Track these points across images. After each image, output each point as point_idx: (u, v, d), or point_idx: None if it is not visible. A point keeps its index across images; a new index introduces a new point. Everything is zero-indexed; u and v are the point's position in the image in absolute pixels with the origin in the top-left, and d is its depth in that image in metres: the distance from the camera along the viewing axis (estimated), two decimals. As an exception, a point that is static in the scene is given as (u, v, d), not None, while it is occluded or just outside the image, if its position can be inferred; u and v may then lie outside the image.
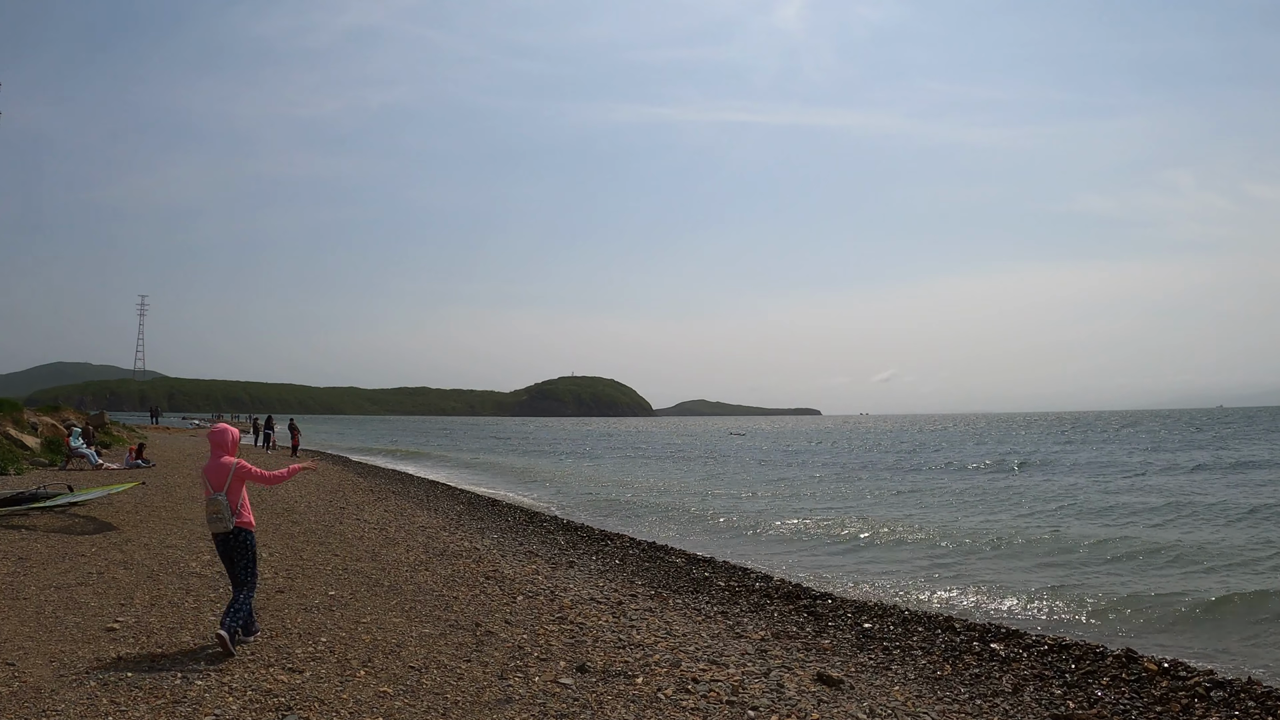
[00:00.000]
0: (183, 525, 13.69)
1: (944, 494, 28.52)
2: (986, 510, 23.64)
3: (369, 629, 8.02)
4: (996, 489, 29.81)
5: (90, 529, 13.02)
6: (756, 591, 13.26)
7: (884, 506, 24.76)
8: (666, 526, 21.08)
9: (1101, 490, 28.47)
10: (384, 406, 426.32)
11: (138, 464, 26.29)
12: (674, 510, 24.47)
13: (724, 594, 13.01)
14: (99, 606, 8.22)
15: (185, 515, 14.80)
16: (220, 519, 6.89)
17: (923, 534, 19.08)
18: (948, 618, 11.88)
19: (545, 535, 18.01)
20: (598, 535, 18.27)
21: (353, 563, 11.62)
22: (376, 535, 14.66)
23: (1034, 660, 9.78)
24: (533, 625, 9.04)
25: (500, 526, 18.81)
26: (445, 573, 11.60)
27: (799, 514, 23.15)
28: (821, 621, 11.50)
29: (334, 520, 16.06)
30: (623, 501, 27.13)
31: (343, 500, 20.21)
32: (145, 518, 14.30)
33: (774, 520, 21.86)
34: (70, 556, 10.72)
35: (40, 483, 18.47)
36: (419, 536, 15.08)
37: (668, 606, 11.56)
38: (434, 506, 21.67)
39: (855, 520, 21.58)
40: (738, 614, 11.61)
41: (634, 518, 22.78)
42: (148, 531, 12.91)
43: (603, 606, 10.75)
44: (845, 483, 34.07)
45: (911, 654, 10.05)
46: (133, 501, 15.81)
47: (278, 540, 13.01)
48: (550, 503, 26.25)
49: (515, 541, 16.46)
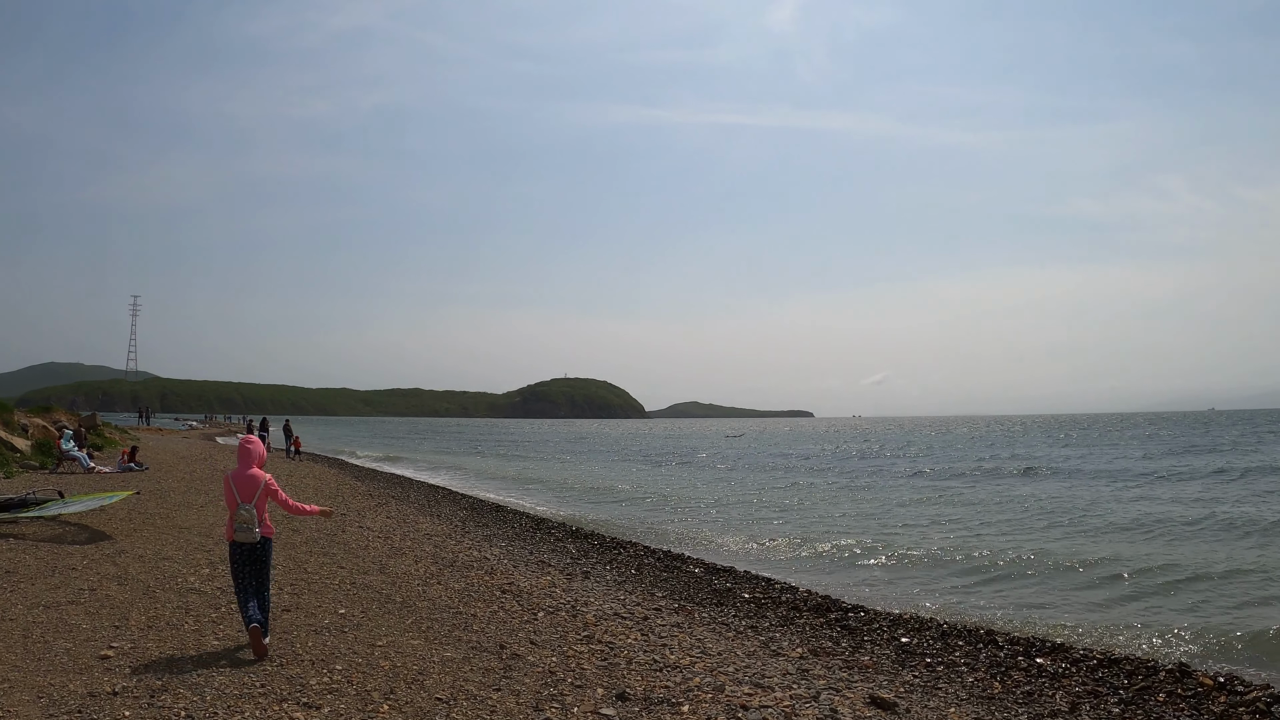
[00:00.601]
0: (179, 535, 13.00)
1: (963, 502, 28.00)
2: (1010, 519, 23.09)
3: (386, 653, 7.38)
4: (1017, 497, 29.28)
5: (82, 539, 12.34)
6: (783, 604, 12.67)
7: (903, 514, 24.19)
8: (676, 533, 20.46)
9: (1123, 498, 28.00)
10: (377, 408, 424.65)
11: (130, 467, 25.56)
12: (681, 515, 23.89)
13: (750, 606, 12.42)
14: (91, 629, 7.55)
15: (181, 524, 14.11)
16: (248, 529, 7.03)
17: (947, 543, 18.52)
18: (989, 631, 11.36)
19: (555, 543, 17.38)
20: (609, 543, 17.65)
21: (360, 576, 10.97)
22: (382, 545, 14.01)
23: (1084, 676, 9.31)
24: (560, 645, 8.42)
25: (507, 534, 18.16)
26: (459, 586, 10.96)
27: (813, 521, 22.59)
28: (857, 636, 10.95)
29: (336, 528, 15.40)
30: (626, 507, 26.54)
31: (343, 506, 19.53)
32: (139, 526, 13.62)
33: (788, 527, 21.31)
34: (60, 570, 10.05)
35: (30, 488, 17.75)
36: (426, 546, 14.43)
37: (695, 621, 10.96)
38: (436, 512, 21.01)
39: (874, 528, 21.02)
40: (768, 628, 11.04)
41: (641, 524, 22.16)
42: (142, 541, 12.23)
43: (629, 622, 10.15)
44: (858, 488, 33.52)
45: (957, 670, 9.53)
46: (126, 508, 15.11)
47: (279, 551, 12.33)
48: (554, 508, 25.62)
49: (525, 550, 15.83)
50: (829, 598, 13.18)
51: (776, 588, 13.77)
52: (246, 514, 7.03)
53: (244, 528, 7.04)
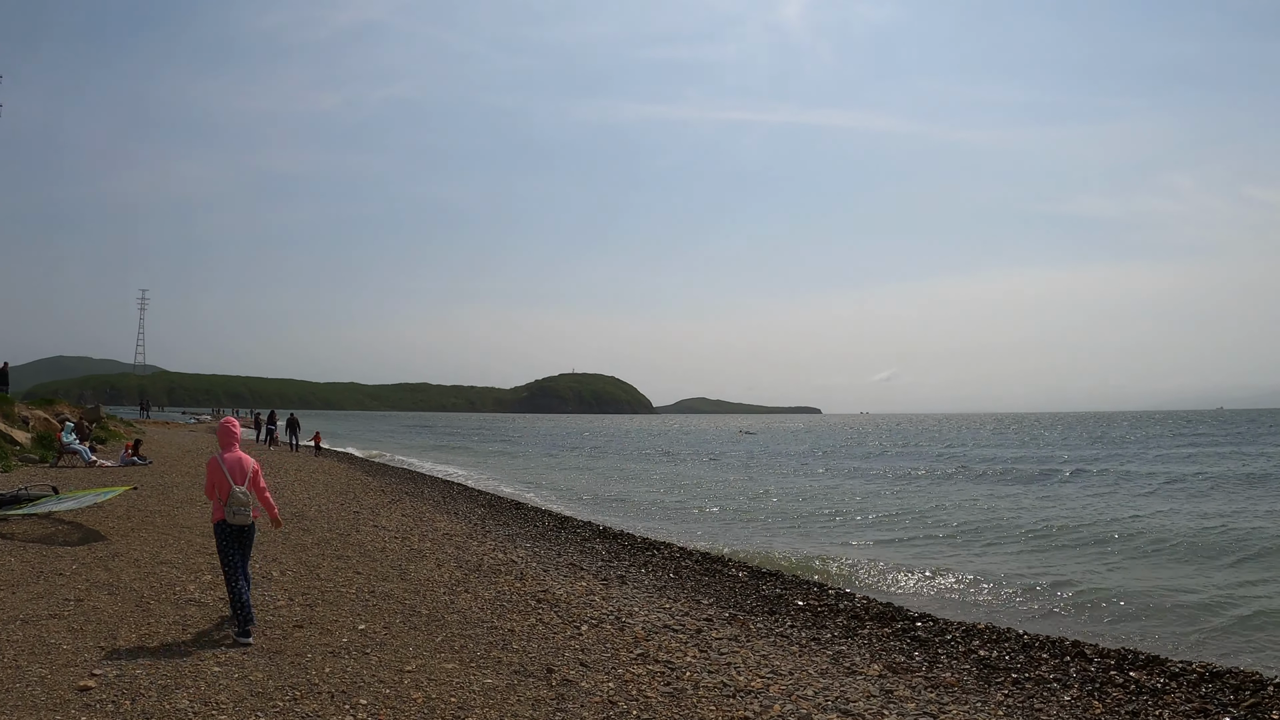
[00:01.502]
0: (180, 535, 11.91)
1: (1015, 503, 26.82)
2: (1069, 521, 21.89)
3: (418, 681, 6.27)
4: (1066, 496, 28.09)
5: (74, 539, 11.26)
6: (842, 611, 11.56)
7: (954, 514, 22.98)
8: (708, 533, 19.33)
9: (1176, 499, 26.81)
10: (384, 402, 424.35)
11: (134, 461, 24.53)
12: (707, 513, 22.77)
13: (806, 615, 11.32)
14: (73, 650, 6.45)
15: (183, 522, 13.03)
16: (244, 512, 7.02)
17: (1006, 546, 17.36)
18: (1074, 642, 10.31)
19: (581, 544, 16.27)
20: (640, 543, 16.52)
21: (379, 583, 9.87)
22: (399, 546, 12.91)
23: (1187, 691, 8.38)
24: (613, 666, 7.32)
25: (530, 534, 17.06)
26: (489, 595, 9.86)
27: (855, 521, 21.44)
28: (930, 649, 9.89)
29: (349, 527, 14.31)
30: (647, 504, 25.41)
31: (355, 503, 18.46)
32: (137, 525, 12.54)
33: (826, 527, 20.17)
34: (47, 575, 8.97)
35: (24, 482, 16.74)
36: (447, 547, 13.34)
37: (751, 633, 9.87)
38: (453, 510, 19.92)
39: (924, 529, 19.86)
40: (832, 640, 9.96)
41: (667, 522, 21.05)
42: (139, 543, 11.13)
43: (682, 636, 9.06)
44: (900, 488, 32.32)
45: (1049, 688, 8.55)
46: (124, 505, 14.04)
47: (288, 553, 11.26)
48: (573, 505, 24.50)
49: (551, 552, 14.73)
50: (892, 605, 12.06)
51: (831, 594, 12.66)
52: (243, 496, 7.01)
53: (240, 510, 6.99)
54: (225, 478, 7.00)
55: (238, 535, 7.10)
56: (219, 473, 7.04)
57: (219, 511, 7.03)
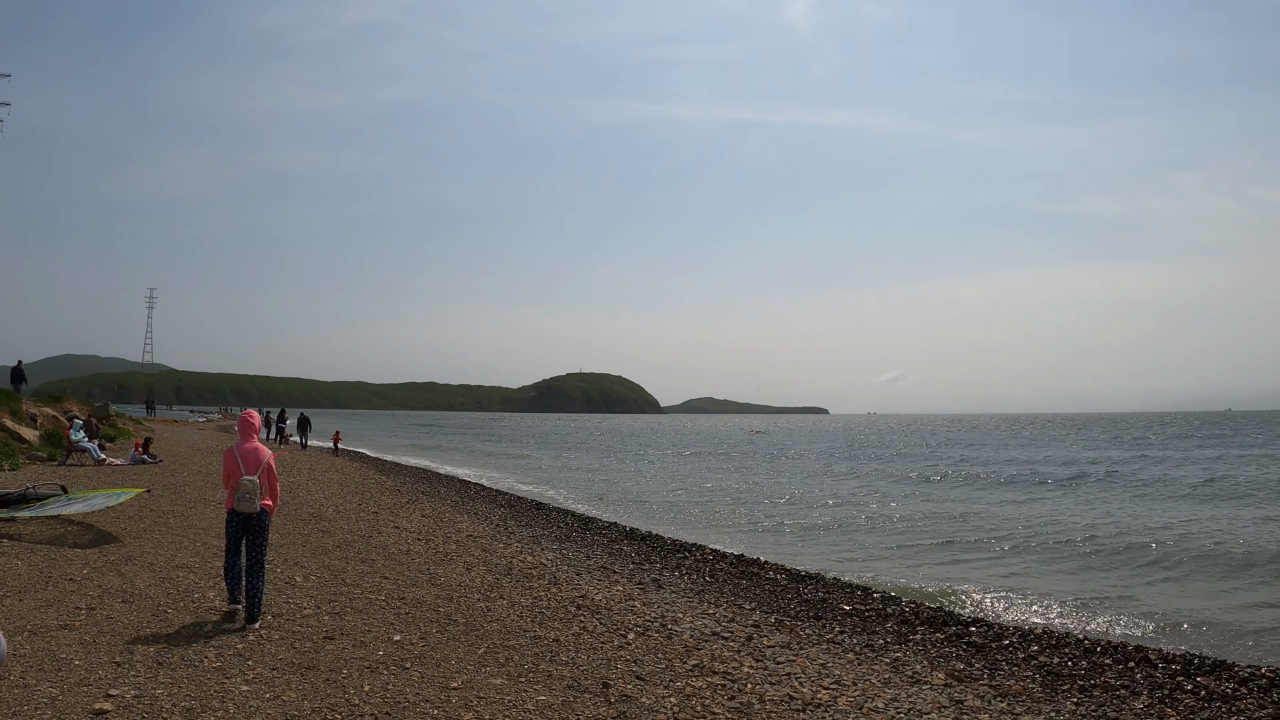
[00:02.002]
0: (194, 538, 11.35)
1: (1053, 504, 26.17)
2: (1112, 522, 21.23)
3: (466, 700, 5.69)
4: (1099, 501, 27.43)
5: (85, 540, 10.72)
6: (890, 616, 10.99)
7: (987, 520, 22.34)
8: (733, 533, 18.73)
9: (1217, 502, 26.13)
10: (392, 401, 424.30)
11: (144, 460, 24.05)
12: (732, 515, 22.16)
13: (854, 620, 10.74)
14: (86, 666, 5.88)
15: (197, 523, 12.47)
16: (250, 499, 7.07)
17: (1047, 548, 16.72)
18: (1138, 646, 9.81)
19: (609, 545, 15.69)
20: (670, 545, 15.93)
21: (408, 588, 9.29)
22: (424, 548, 12.34)
23: (1259, 696, 8.03)
24: (670, 679, 6.74)
25: (555, 535, 16.49)
26: (525, 601, 9.28)
27: (890, 525, 20.81)
28: (988, 655, 9.39)
29: (370, 529, 13.75)
30: (668, 504, 24.81)
31: (373, 503, 17.91)
32: (150, 526, 11.99)
33: (860, 531, 19.54)
34: (56, 581, 8.41)
35: (32, 481, 16.24)
36: (473, 550, 12.76)
37: (801, 639, 9.30)
38: (473, 510, 19.37)
39: (958, 532, 19.22)
40: (887, 647, 9.40)
41: (693, 523, 20.45)
42: (153, 545, 10.58)
43: (732, 644, 8.50)
44: (924, 489, 31.68)
45: (1118, 695, 8.04)
46: (137, 505, 13.49)
47: (310, 556, 10.69)
48: (594, 505, 23.91)
49: (580, 554, 14.15)
50: (942, 609, 11.47)
51: (876, 598, 12.06)
52: (250, 484, 7.09)
53: (246, 498, 7.09)
54: (238, 466, 7.17)
55: (243, 524, 7.22)
56: (233, 461, 7.21)
57: (229, 500, 7.21)
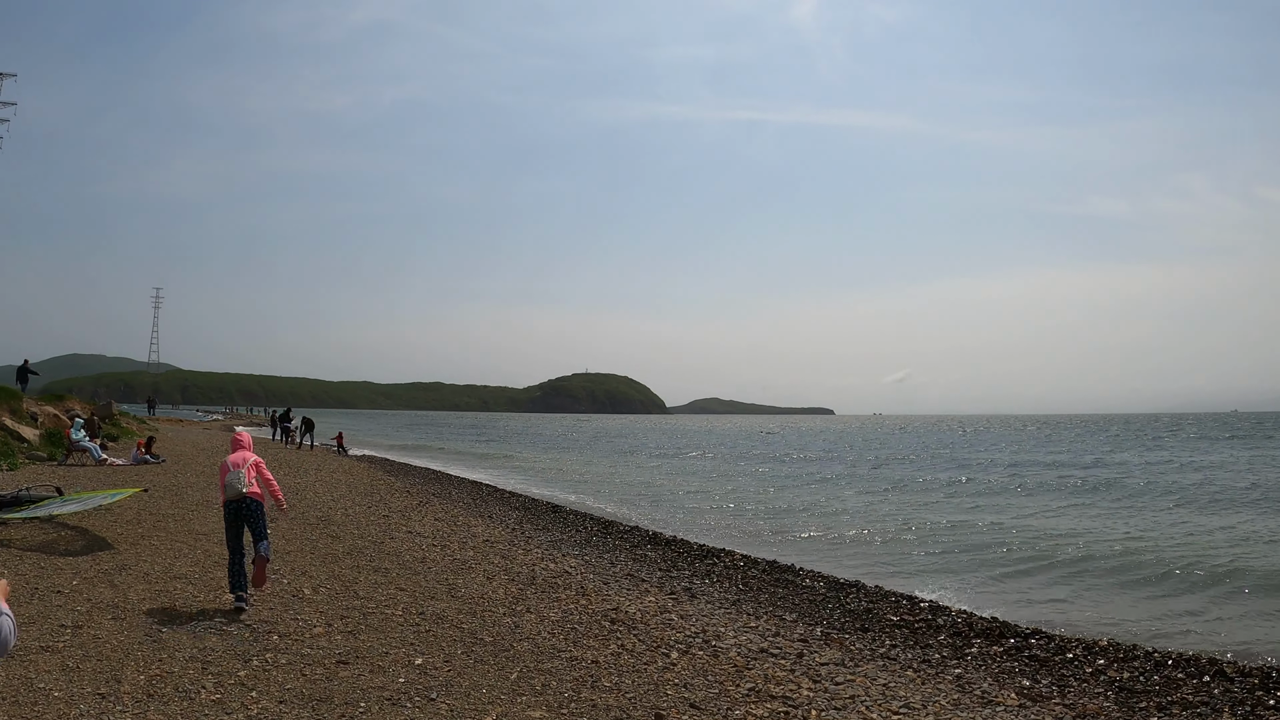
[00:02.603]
0: (195, 544, 10.58)
1: (1095, 505, 25.29)
2: (1166, 525, 20.36)
3: (504, 742, 4.90)
4: (1142, 508, 26.54)
5: (77, 547, 9.96)
6: (942, 628, 10.19)
7: (1022, 521, 21.48)
8: (760, 536, 17.89)
9: (1264, 507, 25.23)
10: (397, 401, 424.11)
11: (146, 460, 23.34)
12: (755, 517, 21.33)
13: (904, 632, 9.95)
14: (66, 699, 5.10)
15: (198, 528, 11.70)
16: (235, 488, 7.77)
17: (1097, 549, 15.85)
18: (1211, 659, 9.05)
19: (632, 551, 14.89)
20: (696, 550, 15.12)
21: (427, 601, 8.52)
22: (440, 555, 11.56)
23: None
24: (728, 707, 5.99)
25: (574, 540, 15.70)
26: (554, 615, 8.50)
27: (921, 527, 19.96)
28: (1053, 670, 8.67)
29: (381, 534, 12.98)
30: (687, 506, 23.99)
31: (383, 505, 17.15)
32: (149, 531, 11.21)
33: (891, 534, 18.69)
34: (43, 593, 7.65)
35: (30, 482, 15.52)
36: (491, 557, 11.98)
37: (854, 655, 8.52)
38: (486, 512, 18.58)
39: (996, 534, 18.37)
40: (945, 663, 8.63)
41: (716, 526, 19.62)
42: (149, 552, 9.80)
43: (784, 662, 7.74)
44: (950, 492, 30.79)
45: (1198, 714, 7.34)
46: (134, 508, 12.73)
47: (319, 564, 9.91)
48: (611, 507, 23.10)
49: (604, 560, 13.37)
50: (997, 620, 10.65)
51: (924, 607, 11.24)
52: (235, 478, 7.87)
53: (232, 486, 7.84)
54: (228, 468, 7.97)
55: (235, 511, 7.82)
56: (225, 468, 8.01)
57: (222, 495, 7.96)
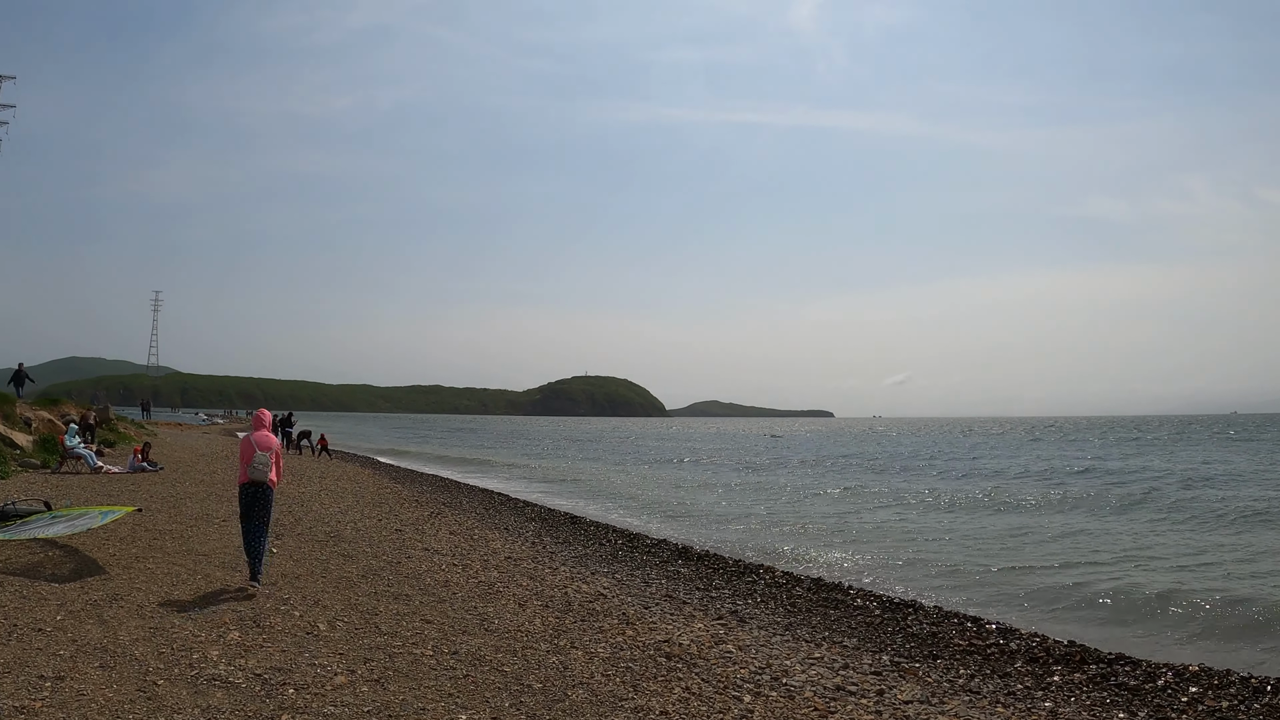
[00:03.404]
0: (195, 567, 9.57)
1: (1123, 511, 24.28)
2: (1232, 541, 19.33)
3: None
4: (1209, 513, 25.52)
5: (65, 571, 8.96)
6: (1016, 653, 9.29)
7: (1071, 530, 20.46)
8: (791, 550, 16.87)
9: None
10: (396, 404, 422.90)
11: (143, 467, 22.33)
12: (783, 527, 20.32)
13: (978, 659, 9.06)
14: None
15: (198, 548, 10.68)
16: (261, 471, 8.43)
17: (1151, 569, 14.86)
18: None
19: (663, 567, 13.91)
20: (732, 567, 14.11)
21: (459, 636, 7.52)
22: (463, 577, 10.57)
23: None
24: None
25: (600, 555, 14.71)
26: (603, 651, 7.51)
27: (962, 537, 18.97)
28: (1148, 701, 7.98)
29: (397, 551, 11.98)
30: (708, 515, 22.96)
31: (393, 518, 16.15)
32: (144, 552, 10.20)
33: (930, 545, 17.67)
34: (22, 632, 6.64)
35: (22, 492, 14.54)
36: (518, 578, 10.98)
37: (935, 689, 7.65)
38: (502, 524, 17.59)
39: (1049, 545, 17.36)
40: (1031, 695, 7.85)
41: (740, 538, 18.61)
42: (144, 579, 8.79)
43: (864, 700, 6.87)
44: (987, 498, 29.75)
45: None
46: (130, 523, 11.71)
47: (333, 591, 8.91)
48: (631, 516, 22.07)
49: (635, 578, 12.38)
50: (1074, 643, 9.70)
51: (991, 630, 10.27)
52: (262, 459, 8.37)
53: (257, 469, 8.36)
54: (253, 448, 8.43)
55: (254, 495, 8.45)
56: (249, 445, 8.47)
57: (243, 475, 8.49)
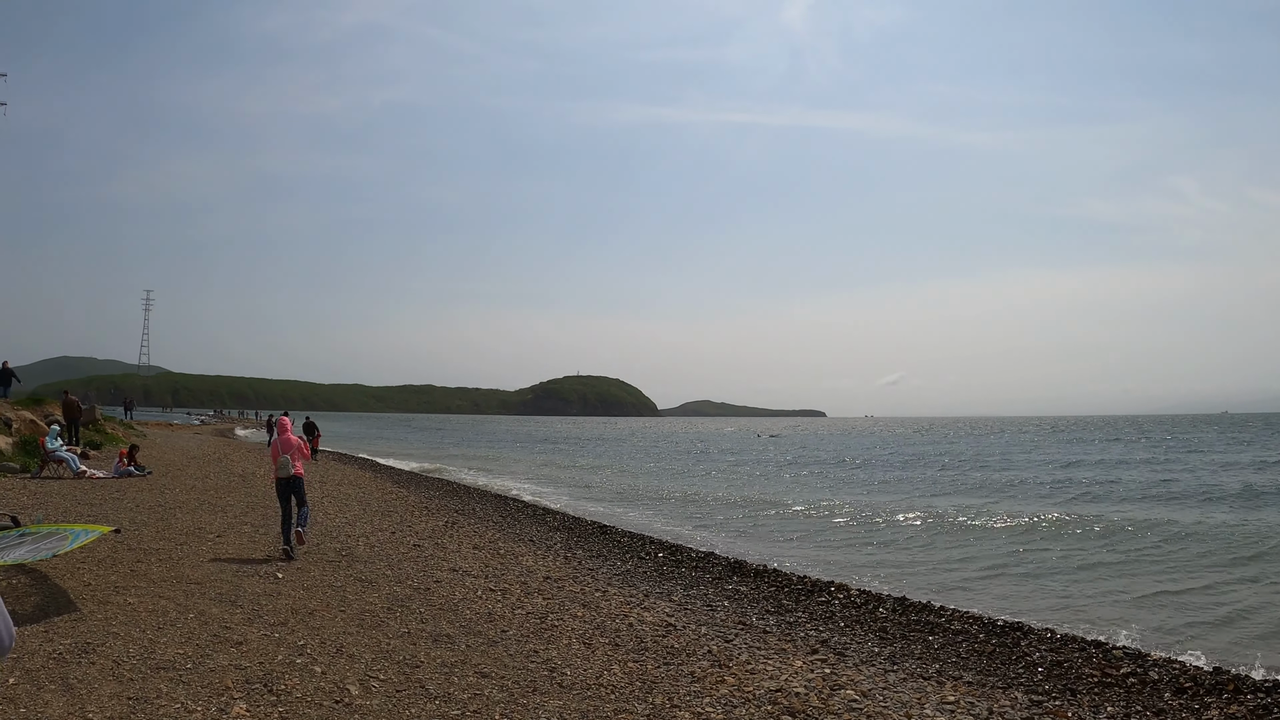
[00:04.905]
0: (187, 599, 7.87)
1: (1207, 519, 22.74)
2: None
3: None
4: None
5: (28, 607, 7.30)
6: (1160, 685, 7.93)
7: (1150, 534, 18.91)
8: (838, 560, 15.27)
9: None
10: (389, 404, 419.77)
11: (129, 471, 20.64)
12: (818, 534, 18.72)
13: (1119, 693, 7.67)
14: None
15: (189, 574, 8.98)
16: (286, 469, 10.46)
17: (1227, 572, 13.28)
18: None
19: (718, 584, 12.27)
20: (797, 584, 12.45)
21: (528, 695, 5.88)
22: (505, 606, 8.92)
23: None
24: None
25: (644, 571, 13.07)
26: (714, 711, 5.89)
27: (1029, 544, 17.36)
28: None
29: (421, 573, 10.32)
30: (737, 522, 21.34)
31: (407, 529, 14.51)
32: (125, 579, 8.51)
33: (989, 552, 16.07)
34: (-42, 698, 4.98)
35: (-12, 503, 12.86)
36: (569, 605, 9.34)
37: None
38: (525, 535, 15.93)
39: (1139, 552, 15.79)
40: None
41: (784, 547, 17.00)
42: (125, 619, 7.09)
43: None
44: (1042, 500, 28.18)
45: None
46: (107, 545, 10.02)
47: (358, 632, 7.25)
48: (660, 524, 20.42)
49: (697, 601, 10.75)
50: (1220, 669, 8.23)
51: (1118, 656, 8.66)
52: (286, 461, 10.48)
53: (284, 467, 10.45)
54: (279, 450, 10.56)
55: (285, 486, 10.41)
56: (276, 449, 10.69)
57: (275, 472, 10.59)
